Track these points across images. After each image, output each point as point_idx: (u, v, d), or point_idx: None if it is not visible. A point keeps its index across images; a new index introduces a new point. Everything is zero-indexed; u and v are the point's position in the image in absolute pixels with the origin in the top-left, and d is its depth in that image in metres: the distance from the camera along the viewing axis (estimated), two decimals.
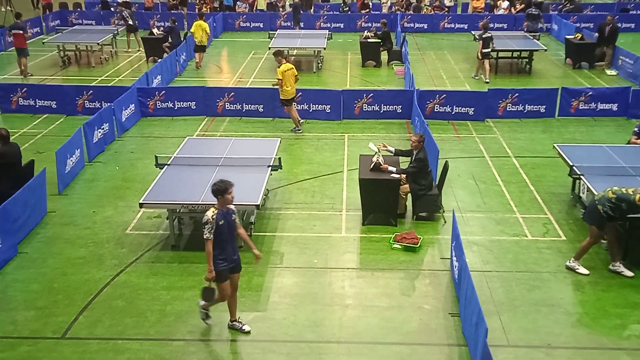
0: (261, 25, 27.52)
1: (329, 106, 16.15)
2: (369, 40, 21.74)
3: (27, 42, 20.22)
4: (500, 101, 16.19)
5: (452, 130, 15.47)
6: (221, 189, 7.46)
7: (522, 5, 26.68)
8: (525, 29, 23.64)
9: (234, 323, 8.13)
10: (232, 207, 7.68)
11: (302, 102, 16.11)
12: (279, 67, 14.64)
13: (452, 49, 24.22)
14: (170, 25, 22.08)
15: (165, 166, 11.08)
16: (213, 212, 7.46)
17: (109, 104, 15.02)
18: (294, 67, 14.94)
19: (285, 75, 14.58)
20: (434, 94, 16.24)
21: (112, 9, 28.42)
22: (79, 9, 29.93)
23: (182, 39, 22.17)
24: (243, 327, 8.10)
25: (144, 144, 14.68)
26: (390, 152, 11.15)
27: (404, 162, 11.19)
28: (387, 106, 16.18)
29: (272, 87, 15.48)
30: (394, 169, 10.68)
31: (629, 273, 9.24)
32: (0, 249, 9.42)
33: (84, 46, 22.03)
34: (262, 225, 10.73)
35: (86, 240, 10.34)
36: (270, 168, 10.91)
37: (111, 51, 22.91)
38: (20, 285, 9.10)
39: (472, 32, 23.69)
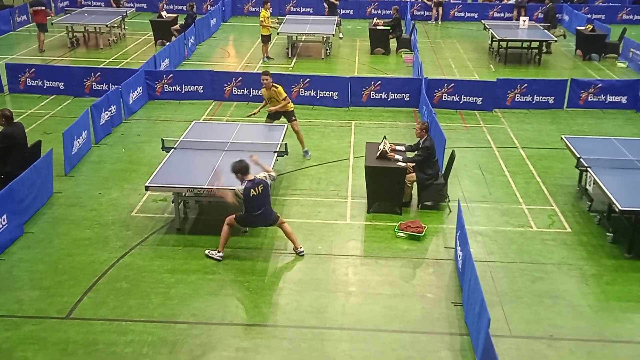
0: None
1: (336, 93, 16.09)
2: (378, 27, 21.61)
3: (53, 17, 21.70)
4: (508, 91, 16.09)
5: (460, 120, 15.40)
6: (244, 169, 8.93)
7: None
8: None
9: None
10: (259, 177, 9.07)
11: (310, 89, 16.05)
12: (276, 89, 12.36)
13: (462, 38, 24.06)
14: (189, 12, 21.95)
15: (172, 150, 11.09)
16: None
17: (116, 86, 15.02)
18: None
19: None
20: (442, 82, 16.15)
21: None
22: None
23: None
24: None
25: (151, 127, 14.68)
26: (401, 151, 11.08)
27: (411, 152, 11.15)
28: (395, 94, 16.10)
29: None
30: (400, 157, 10.66)
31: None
32: (6, 228, 9.46)
33: (93, 28, 22.02)
34: None
35: (92, 222, 10.38)
36: (276, 154, 10.90)
37: (119, 33, 22.87)
38: (26, 265, 9.15)
39: (482, 21, 23.54)
